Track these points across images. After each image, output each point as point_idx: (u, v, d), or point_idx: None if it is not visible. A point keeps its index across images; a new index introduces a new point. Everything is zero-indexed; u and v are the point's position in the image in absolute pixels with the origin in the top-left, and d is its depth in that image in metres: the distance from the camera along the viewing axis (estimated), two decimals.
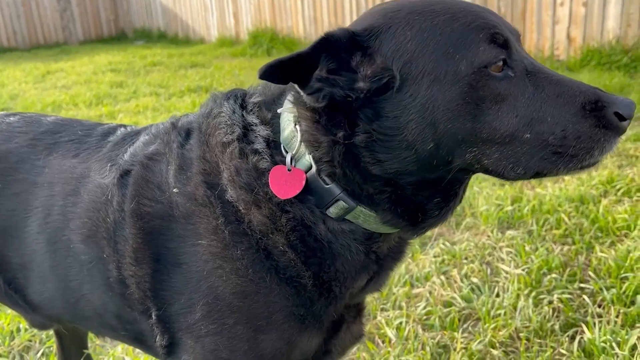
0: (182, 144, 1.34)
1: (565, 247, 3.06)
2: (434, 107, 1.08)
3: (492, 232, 3.29)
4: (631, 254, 2.78)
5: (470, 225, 3.43)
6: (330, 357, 1.37)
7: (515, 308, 2.56)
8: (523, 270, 2.83)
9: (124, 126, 1.58)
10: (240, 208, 1.20)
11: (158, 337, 1.30)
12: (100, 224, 1.35)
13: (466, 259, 3.04)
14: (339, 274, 1.22)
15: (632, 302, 2.51)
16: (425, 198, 1.17)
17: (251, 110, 1.30)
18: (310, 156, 1.18)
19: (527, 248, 3.02)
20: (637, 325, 2.37)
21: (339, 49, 1.10)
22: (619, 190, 3.59)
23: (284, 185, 1.17)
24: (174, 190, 1.27)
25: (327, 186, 1.18)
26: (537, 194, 3.66)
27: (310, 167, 1.18)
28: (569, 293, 2.65)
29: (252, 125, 1.26)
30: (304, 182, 1.17)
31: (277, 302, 1.21)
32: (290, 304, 1.22)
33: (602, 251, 2.93)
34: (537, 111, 1.09)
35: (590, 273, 2.78)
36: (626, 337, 2.28)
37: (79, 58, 11.74)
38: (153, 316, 1.29)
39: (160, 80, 8.64)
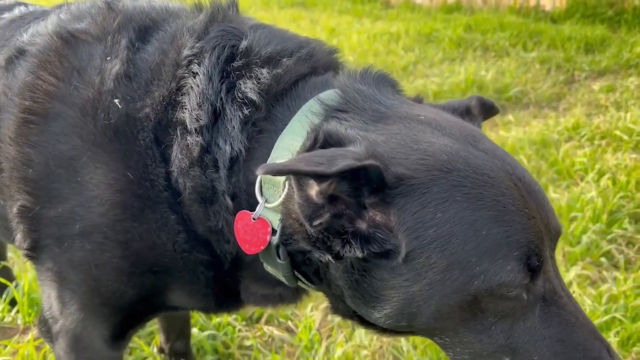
0: (134, 45, 1.10)
1: None
2: (425, 303, 0.90)
3: None
4: (583, 196, 2.72)
5: None
6: None
7: None
8: None
9: (24, 4, 1.41)
10: (180, 189, 1.03)
11: (19, 236, 1.16)
12: None
13: None
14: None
15: (578, 242, 2.47)
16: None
17: (237, 90, 1.01)
18: (282, 225, 0.97)
19: None
20: (579, 263, 2.33)
21: (362, 182, 0.87)
22: (583, 136, 3.51)
23: (243, 235, 1.00)
24: (115, 100, 1.06)
25: (280, 261, 1.00)
26: (500, 136, 3.57)
27: (274, 232, 0.98)
28: None
29: (228, 120, 1.00)
30: (266, 243, 0.98)
31: (161, 260, 1.09)
32: (171, 266, 1.11)
33: (555, 192, 2.87)
34: (529, 344, 0.92)
35: None
36: (565, 273, 2.24)
37: None
38: (16, 207, 1.15)
39: None
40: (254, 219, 0.99)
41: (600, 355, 0.92)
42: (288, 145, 0.98)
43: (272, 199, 0.98)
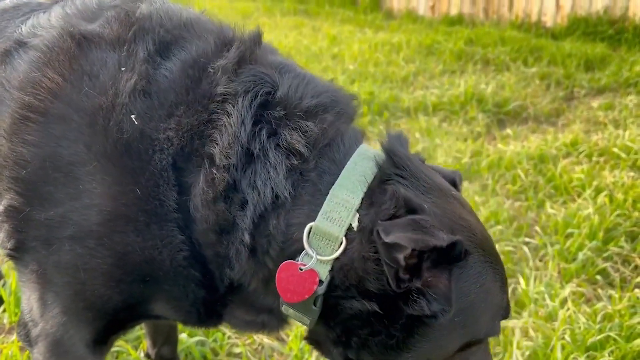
0: (153, 59, 1.07)
1: (517, 203, 2.98)
2: (444, 349, 1.08)
3: None
4: (580, 212, 2.71)
5: None
6: None
7: None
8: None
9: None
10: (197, 217, 1.04)
11: (2, 235, 1.12)
12: None
13: None
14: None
15: (574, 259, 2.45)
16: None
17: (281, 138, 1.03)
18: (331, 277, 1.02)
19: (478, 200, 2.93)
20: (574, 280, 2.31)
21: (445, 252, 0.97)
22: (581, 152, 3.50)
23: (286, 285, 1.02)
24: (131, 115, 1.02)
25: (314, 308, 1.04)
26: (498, 150, 3.57)
27: (321, 282, 1.02)
28: (513, 246, 2.57)
29: (271, 166, 1.02)
30: (312, 293, 1.01)
31: (155, 272, 1.08)
32: (165, 284, 1.10)
33: (552, 208, 2.86)
34: None
35: (537, 229, 2.71)
36: (560, 290, 2.22)
37: None
38: (2, 205, 1.10)
39: None
40: (300, 269, 1.01)
41: None
42: (344, 202, 1.01)
43: (324, 251, 1.01)
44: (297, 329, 1.99)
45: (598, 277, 2.35)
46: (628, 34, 6.14)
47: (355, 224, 1.01)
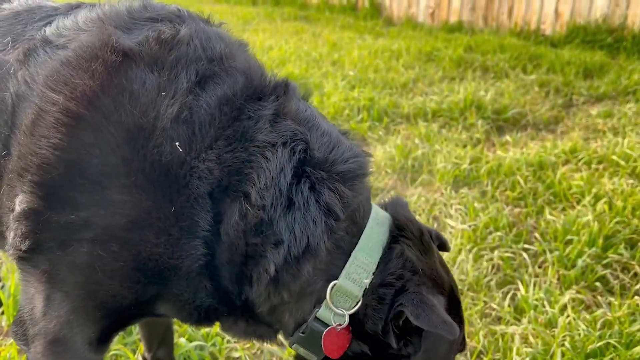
0: (195, 91, 1.09)
1: (517, 209, 2.98)
2: None
3: (445, 189, 3.20)
4: (579, 219, 2.71)
5: (426, 182, 3.33)
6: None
7: (454, 262, 2.48)
8: (469, 226, 2.75)
9: None
10: (228, 243, 1.12)
11: (16, 237, 1.11)
12: None
13: (414, 212, 2.95)
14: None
15: (573, 266, 2.45)
16: None
17: (321, 196, 1.13)
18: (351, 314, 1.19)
19: (477, 206, 2.93)
20: (574, 287, 2.31)
21: None
22: (580, 160, 3.51)
23: (331, 346, 1.19)
24: (176, 143, 1.05)
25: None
26: (497, 156, 3.57)
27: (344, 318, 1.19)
28: (512, 252, 2.57)
29: (310, 218, 1.13)
30: (349, 343, 1.21)
31: (171, 278, 1.12)
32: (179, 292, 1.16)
33: (551, 214, 2.86)
34: None
35: (537, 235, 2.71)
36: (560, 297, 2.22)
37: None
38: (19, 206, 1.09)
39: None
40: (336, 328, 1.18)
41: None
42: (363, 265, 1.17)
43: (343, 305, 1.17)
44: None
45: (597, 284, 2.35)
46: (627, 42, 6.17)
47: (368, 282, 1.17)
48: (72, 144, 1.04)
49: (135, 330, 1.99)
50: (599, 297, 2.29)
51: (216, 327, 2.02)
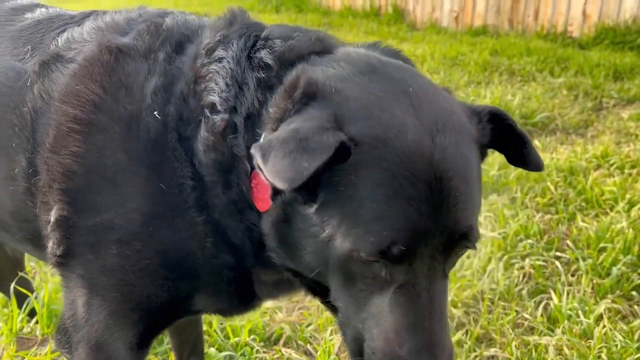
0: (170, 56, 1.16)
1: (548, 216, 2.92)
2: (325, 253, 1.01)
3: None
4: (613, 226, 2.64)
5: None
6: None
7: (484, 270, 2.44)
8: (499, 234, 2.70)
9: (45, 6, 1.43)
10: (206, 180, 1.10)
11: (52, 244, 1.18)
12: (9, 110, 1.22)
13: None
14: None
15: (608, 274, 2.39)
16: None
17: (255, 58, 1.11)
18: None
19: (507, 213, 2.88)
20: (609, 296, 2.25)
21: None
22: (612, 164, 3.43)
23: (255, 194, 1.07)
24: (154, 112, 1.11)
25: None
26: None
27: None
28: (544, 260, 2.52)
29: (246, 85, 1.08)
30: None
31: (193, 266, 1.15)
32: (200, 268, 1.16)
33: (584, 221, 2.80)
34: (375, 318, 1.00)
35: (569, 242, 2.65)
36: (594, 306, 2.16)
37: None
38: (53, 216, 1.16)
39: None
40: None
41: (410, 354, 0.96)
42: None
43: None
44: (325, 343, 1.97)
45: (634, 293, 2.29)
46: None
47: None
48: (88, 149, 1.13)
49: (166, 340, 2.01)
50: (635, 307, 2.23)
51: (245, 336, 2.02)
